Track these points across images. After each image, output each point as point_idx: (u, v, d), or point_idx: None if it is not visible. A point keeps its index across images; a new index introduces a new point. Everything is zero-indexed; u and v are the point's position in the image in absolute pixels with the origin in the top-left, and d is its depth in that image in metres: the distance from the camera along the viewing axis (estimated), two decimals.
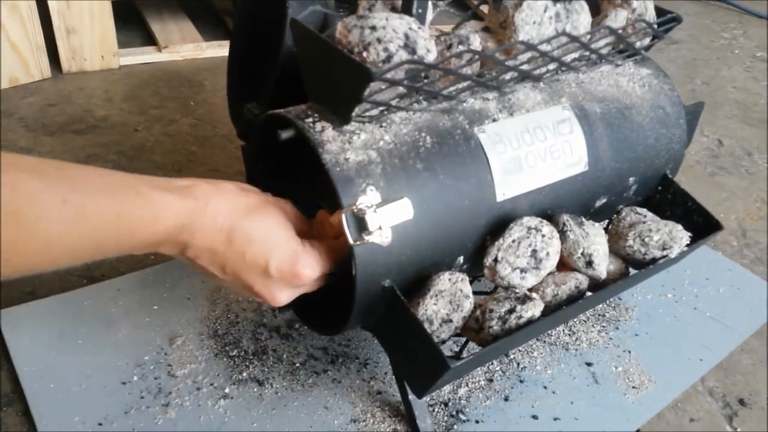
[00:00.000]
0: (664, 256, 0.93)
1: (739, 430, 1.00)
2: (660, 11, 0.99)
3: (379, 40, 0.68)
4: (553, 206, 0.91)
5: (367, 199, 0.73)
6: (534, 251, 0.83)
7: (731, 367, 1.10)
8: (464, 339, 0.90)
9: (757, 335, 1.17)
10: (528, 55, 0.82)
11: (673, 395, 1.03)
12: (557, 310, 0.84)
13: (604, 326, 1.14)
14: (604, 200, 0.99)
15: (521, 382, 1.02)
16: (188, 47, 1.93)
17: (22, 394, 0.92)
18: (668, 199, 1.07)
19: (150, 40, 1.99)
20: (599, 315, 1.17)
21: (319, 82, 0.77)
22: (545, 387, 1.02)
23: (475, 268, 0.89)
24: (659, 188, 1.08)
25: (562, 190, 0.91)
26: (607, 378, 1.05)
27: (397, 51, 0.69)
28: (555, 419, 0.97)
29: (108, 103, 1.68)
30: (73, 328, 1.02)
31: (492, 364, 1.04)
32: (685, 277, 1.27)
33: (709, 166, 1.71)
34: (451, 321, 0.79)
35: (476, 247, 0.85)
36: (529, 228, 0.83)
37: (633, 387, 1.03)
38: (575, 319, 1.15)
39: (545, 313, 0.82)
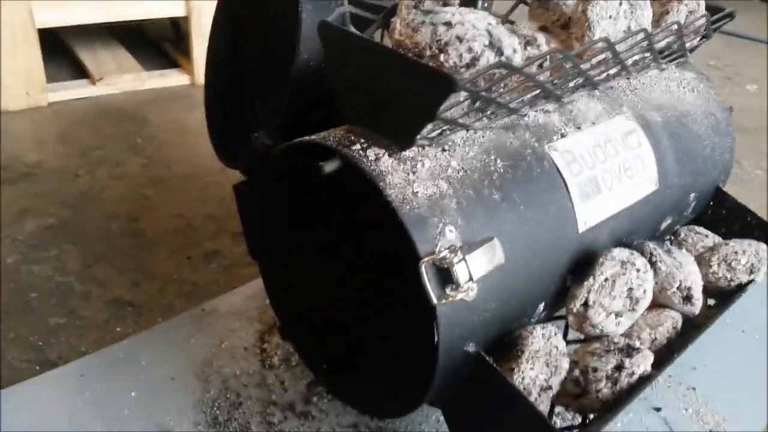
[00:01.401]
0: (750, 281, 0.81)
1: None
2: (708, 7, 0.88)
3: (459, 39, 0.52)
4: (628, 234, 0.77)
5: (448, 242, 0.56)
6: (630, 290, 0.68)
7: None
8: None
9: None
10: (603, 56, 0.68)
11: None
12: (663, 357, 0.69)
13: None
14: (669, 221, 0.86)
15: None
16: (127, 78, 1.71)
17: None
18: (722, 214, 0.96)
19: (81, 72, 1.75)
20: None
21: (364, 99, 0.60)
22: None
23: (551, 316, 0.73)
24: (711, 203, 0.96)
25: (636, 213, 0.77)
26: (680, 423, 0.91)
27: (482, 51, 0.53)
28: None
29: (40, 145, 1.43)
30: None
31: None
32: None
33: None
34: (550, 387, 0.63)
35: (558, 289, 0.70)
36: (623, 262, 0.68)
37: (710, 431, 0.90)
38: None
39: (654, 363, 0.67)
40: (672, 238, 0.90)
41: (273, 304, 0.79)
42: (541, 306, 0.69)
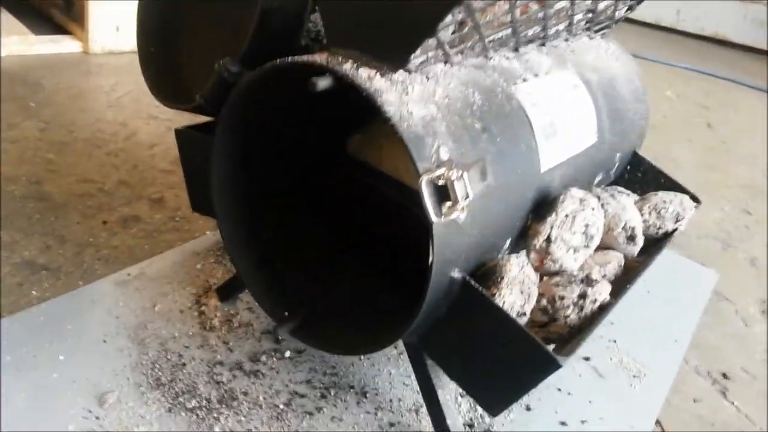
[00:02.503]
0: (675, 229, 0.88)
1: (735, 403, 0.98)
2: None
3: None
4: (573, 180, 0.82)
5: (444, 160, 0.56)
6: (587, 226, 0.72)
7: (700, 343, 1.10)
8: None
9: (704, 312, 1.19)
10: (562, 4, 0.72)
11: (671, 379, 0.99)
12: (616, 289, 0.74)
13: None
14: (600, 176, 0.92)
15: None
16: (13, 41, 1.54)
17: None
18: (638, 177, 1.04)
19: None
20: None
21: (356, 20, 0.59)
22: (559, 389, 0.91)
23: (515, 250, 0.76)
24: (628, 166, 1.05)
25: (580, 162, 0.82)
26: (609, 371, 0.97)
27: None
28: (582, 422, 0.87)
29: None
30: None
31: None
32: None
33: None
34: (525, 314, 0.65)
35: (521, 226, 0.72)
36: (581, 200, 0.72)
37: (634, 376, 0.97)
38: None
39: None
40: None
41: (229, 251, 0.74)
42: (508, 242, 0.71)
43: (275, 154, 0.73)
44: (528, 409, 0.86)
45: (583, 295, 0.67)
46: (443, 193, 0.54)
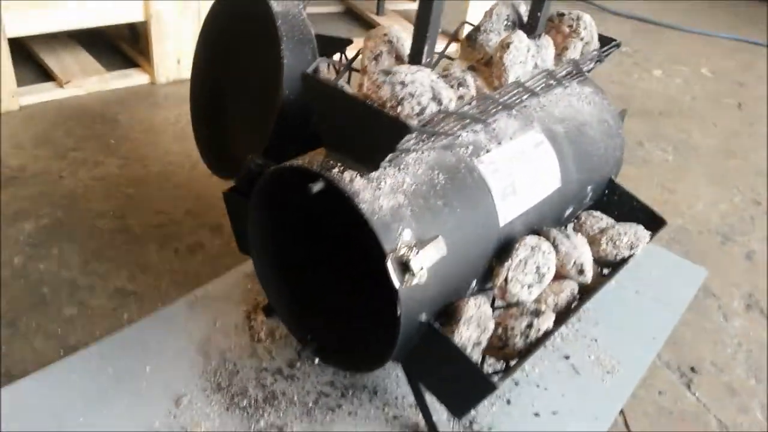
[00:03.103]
0: (631, 255, 1.05)
1: (697, 394, 1.16)
2: (601, 37, 1.11)
3: (411, 95, 0.72)
4: (538, 222, 1.00)
5: (406, 241, 0.77)
6: (538, 267, 0.91)
7: (677, 339, 1.27)
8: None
9: (688, 308, 1.34)
10: (516, 91, 0.90)
11: (640, 374, 1.17)
12: (561, 316, 0.93)
13: (570, 320, 1.26)
14: (570, 209, 1.10)
15: (516, 384, 1.10)
16: (92, 80, 1.82)
17: None
18: (615, 200, 1.20)
19: (46, 76, 1.85)
20: None
21: (340, 133, 0.80)
22: (538, 385, 1.11)
23: (482, 288, 0.96)
24: (606, 192, 1.21)
25: (544, 207, 1.00)
26: (585, 367, 1.16)
27: (428, 104, 0.73)
28: (554, 413, 1.07)
29: (19, 150, 1.55)
30: (68, 407, 0.95)
31: None
32: None
33: None
34: (480, 343, 0.85)
35: (486, 269, 0.92)
36: (533, 247, 0.91)
37: (607, 372, 1.16)
38: None
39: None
40: (575, 221, 1.14)
41: (265, 289, 0.98)
42: (474, 282, 0.91)
43: (301, 227, 0.96)
44: (508, 402, 1.07)
45: (530, 325, 0.87)
46: (406, 267, 0.75)
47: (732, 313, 1.36)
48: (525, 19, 1.01)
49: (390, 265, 0.74)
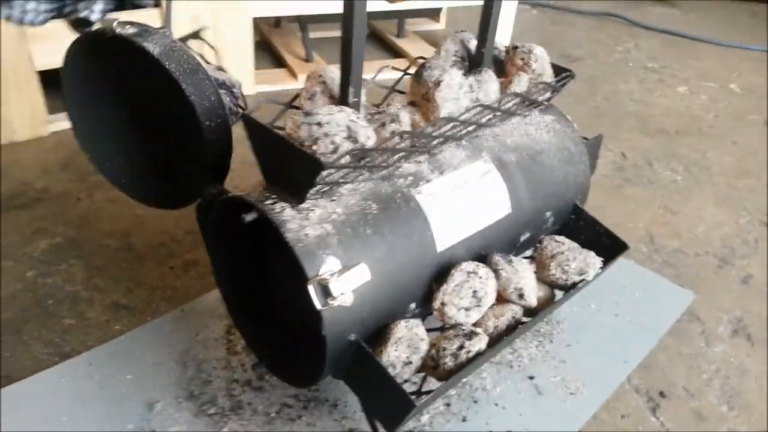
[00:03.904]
0: (581, 280, 1.08)
1: (661, 419, 1.16)
2: (556, 68, 1.15)
3: (326, 135, 0.79)
4: (485, 247, 1.04)
5: (328, 268, 0.83)
6: (474, 292, 0.96)
7: (651, 364, 1.27)
8: (423, 375, 1.02)
9: (669, 333, 1.34)
10: (451, 124, 0.95)
11: (605, 396, 1.18)
12: (499, 339, 0.97)
13: (540, 341, 1.29)
14: (527, 234, 1.13)
15: (475, 402, 1.14)
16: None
17: None
18: (580, 225, 1.23)
19: None
20: (535, 331, 1.31)
21: (274, 168, 0.87)
22: (496, 404, 1.15)
23: (426, 310, 1.01)
24: (572, 217, 1.23)
25: (491, 232, 1.05)
26: (548, 388, 1.19)
27: (342, 143, 0.80)
28: None
29: (45, 174, 1.71)
30: (55, 409, 1.06)
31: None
32: (605, 286, 1.43)
33: (616, 178, 1.91)
34: (411, 363, 0.91)
35: (425, 293, 0.97)
36: (469, 272, 0.96)
37: (571, 393, 1.18)
38: None
39: (490, 343, 0.95)
40: (537, 245, 1.17)
41: (228, 308, 1.07)
42: (413, 305, 0.96)
43: (252, 251, 1.04)
44: (464, 420, 1.11)
45: (461, 347, 0.91)
46: (327, 290, 0.82)
47: (716, 338, 1.35)
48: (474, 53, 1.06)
49: (312, 289, 0.81)
